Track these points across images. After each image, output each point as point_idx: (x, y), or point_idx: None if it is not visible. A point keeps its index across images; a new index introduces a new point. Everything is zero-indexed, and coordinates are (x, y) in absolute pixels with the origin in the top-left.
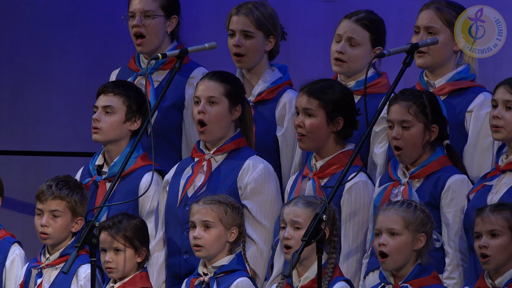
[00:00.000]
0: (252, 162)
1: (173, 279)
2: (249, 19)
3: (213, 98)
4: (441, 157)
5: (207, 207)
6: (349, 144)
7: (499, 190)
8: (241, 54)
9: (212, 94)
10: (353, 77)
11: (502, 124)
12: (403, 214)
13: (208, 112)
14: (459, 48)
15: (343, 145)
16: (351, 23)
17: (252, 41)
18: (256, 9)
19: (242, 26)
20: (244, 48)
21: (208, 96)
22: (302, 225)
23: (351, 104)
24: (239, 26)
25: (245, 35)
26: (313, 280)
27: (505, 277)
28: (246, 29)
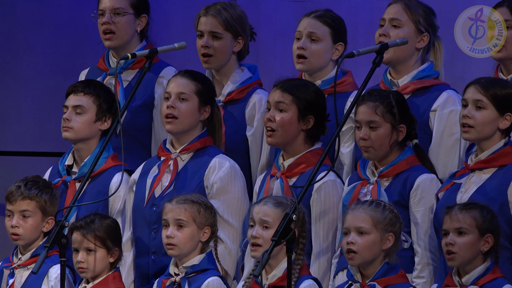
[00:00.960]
0: (218, 161)
1: (142, 279)
2: (217, 20)
3: (184, 94)
4: (410, 157)
5: (180, 206)
6: (317, 143)
7: (469, 189)
8: (209, 55)
9: (183, 91)
10: (317, 77)
11: (472, 124)
12: (372, 213)
13: (178, 108)
14: (422, 45)
15: (311, 145)
16: (311, 19)
17: (220, 42)
18: (224, 10)
19: (210, 27)
20: (212, 49)
21: (179, 92)
22: (271, 224)
23: (323, 106)
24: (207, 27)
25: (213, 36)
26: (280, 278)
27: (472, 275)
28: (214, 30)
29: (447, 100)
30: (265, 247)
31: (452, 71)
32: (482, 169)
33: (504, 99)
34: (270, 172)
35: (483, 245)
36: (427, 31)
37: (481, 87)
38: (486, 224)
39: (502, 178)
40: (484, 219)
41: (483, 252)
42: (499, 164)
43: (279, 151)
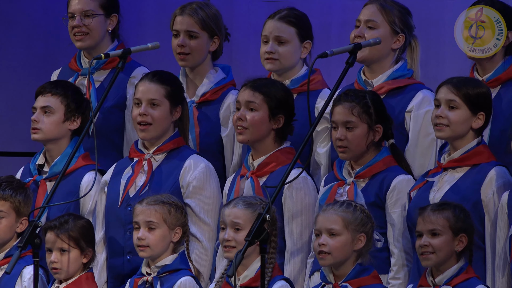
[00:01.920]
0: (193, 161)
1: (116, 280)
2: (193, 20)
3: (155, 100)
4: (387, 157)
5: (151, 207)
6: (285, 142)
7: (441, 187)
8: (186, 54)
9: (153, 97)
10: (286, 76)
11: (446, 123)
12: (343, 214)
13: (150, 114)
14: (397, 46)
15: (280, 144)
16: (275, 22)
17: (197, 41)
18: (200, 9)
19: (186, 26)
20: (189, 48)
21: (150, 98)
22: (242, 226)
23: (292, 105)
24: (183, 26)
25: (190, 35)
26: (253, 279)
27: (446, 275)
28: (190, 29)
29: (423, 100)
30: (238, 248)
31: (425, 71)
32: (455, 168)
33: (477, 99)
34: (240, 173)
35: (457, 245)
36: (403, 31)
37: (454, 87)
38: (459, 224)
39: (475, 177)
40: (457, 219)
41: (457, 252)
42: (472, 163)
43: (248, 151)
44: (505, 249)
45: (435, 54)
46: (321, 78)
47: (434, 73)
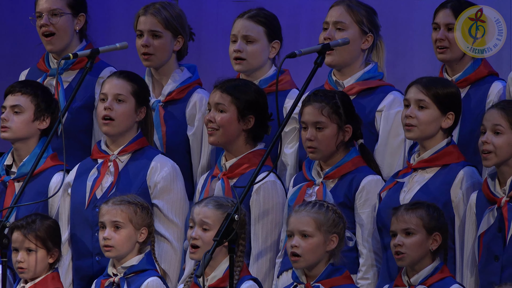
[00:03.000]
0: (159, 161)
1: (82, 281)
2: (157, 19)
3: (121, 96)
4: (356, 158)
5: (116, 207)
6: (259, 144)
7: (412, 188)
8: (150, 54)
9: (119, 92)
10: (255, 76)
11: (415, 123)
12: (315, 215)
13: (115, 109)
14: (367, 46)
15: (253, 145)
16: (244, 21)
17: (161, 40)
18: (163, 9)
19: (150, 26)
20: (153, 48)
21: (116, 93)
22: (211, 226)
23: (264, 105)
24: (147, 26)
25: (153, 35)
26: (221, 279)
27: (421, 274)
28: (154, 29)
29: (393, 101)
30: (203, 249)
31: (393, 71)
32: (425, 169)
33: (446, 98)
34: (212, 173)
35: (432, 243)
36: (371, 31)
37: (423, 87)
38: (433, 222)
39: (445, 177)
40: (431, 217)
41: (432, 250)
42: (442, 163)
43: (221, 152)
44: (473, 249)
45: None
46: (290, 78)
47: (402, 74)
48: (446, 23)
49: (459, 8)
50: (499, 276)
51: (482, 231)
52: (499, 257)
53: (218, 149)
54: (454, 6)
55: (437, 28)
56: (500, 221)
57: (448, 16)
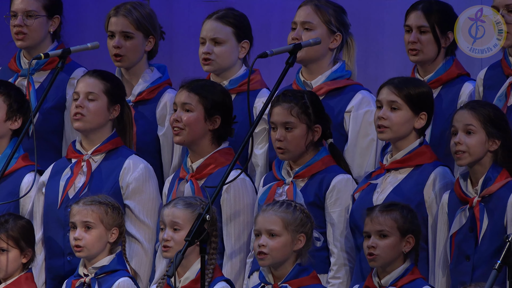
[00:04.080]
0: (132, 162)
1: (54, 281)
2: (128, 20)
3: (92, 94)
4: (325, 157)
5: (87, 208)
6: (224, 143)
7: (385, 189)
8: (121, 55)
9: (91, 90)
10: (225, 76)
11: (388, 124)
12: (282, 215)
13: (86, 107)
14: (335, 45)
15: (218, 145)
16: (213, 22)
17: (132, 41)
18: (134, 9)
19: (121, 27)
20: (124, 49)
21: (87, 91)
22: (182, 226)
23: (230, 106)
24: (118, 27)
25: (125, 36)
26: (193, 281)
27: (392, 275)
28: (125, 30)
29: (362, 101)
30: (176, 249)
31: (365, 71)
32: (397, 169)
33: (418, 99)
34: (179, 175)
35: (405, 246)
36: (339, 30)
37: (395, 88)
38: (407, 224)
39: (417, 178)
40: (405, 219)
41: (405, 252)
42: (415, 164)
43: (186, 154)
44: (445, 249)
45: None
46: (260, 78)
47: (374, 74)
48: (418, 26)
49: (430, 10)
50: (470, 276)
51: (454, 231)
52: (471, 257)
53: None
54: (425, 7)
55: (409, 31)
56: (471, 221)
57: (419, 18)
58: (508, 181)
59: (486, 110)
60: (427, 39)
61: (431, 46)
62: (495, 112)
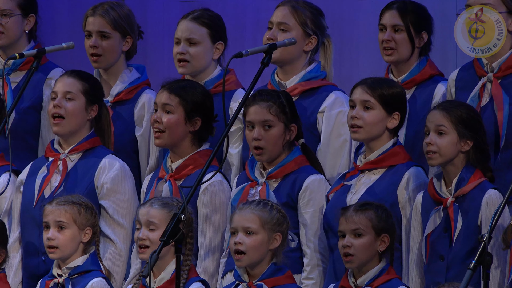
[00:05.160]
0: (108, 161)
1: (31, 280)
2: (105, 20)
3: (70, 93)
4: (298, 157)
5: (60, 208)
6: (204, 144)
7: (358, 189)
8: (98, 55)
9: (69, 90)
10: (200, 78)
11: (361, 124)
12: (259, 213)
13: (64, 107)
14: (310, 48)
15: (198, 146)
16: (188, 23)
17: (109, 41)
18: (112, 9)
19: (98, 27)
20: (101, 49)
21: (65, 91)
22: (158, 226)
23: (210, 107)
24: (95, 27)
25: (102, 36)
26: (169, 281)
27: (368, 276)
28: (102, 30)
29: (335, 101)
30: (152, 249)
31: (340, 72)
32: (371, 170)
33: (391, 99)
34: (158, 175)
35: (380, 245)
36: (315, 33)
37: (368, 88)
38: (381, 224)
39: (391, 178)
40: (380, 219)
41: (380, 252)
42: (388, 164)
43: (166, 153)
44: (420, 250)
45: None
46: (236, 78)
47: (348, 74)
48: (393, 24)
49: (405, 9)
50: (444, 276)
51: (429, 232)
52: (445, 257)
53: (166, 150)
54: (400, 7)
55: (383, 29)
56: (446, 221)
57: (394, 17)
58: (481, 182)
59: (459, 110)
60: (402, 38)
61: (405, 45)
62: (468, 113)
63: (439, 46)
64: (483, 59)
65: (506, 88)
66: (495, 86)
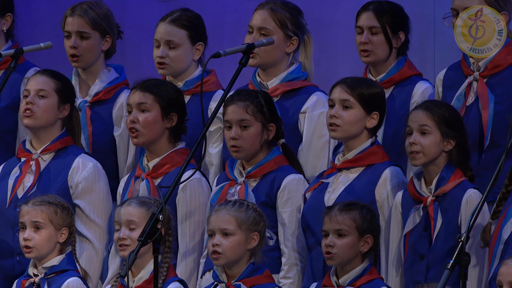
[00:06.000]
0: (81, 161)
1: (6, 281)
2: (84, 20)
3: (43, 91)
4: (278, 157)
5: (37, 208)
6: (180, 143)
7: (336, 188)
8: (78, 55)
9: (42, 88)
10: (180, 78)
11: (340, 123)
12: (236, 213)
13: (36, 104)
14: (291, 50)
15: (174, 144)
16: (167, 25)
17: (89, 41)
18: (91, 9)
19: (77, 27)
20: (81, 49)
21: (38, 89)
22: (137, 224)
23: (183, 103)
24: (74, 27)
25: (81, 36)
26: (147, 281)
27: (350, 275)
28: (81, 30)
29: (317, 102)
30: (133, 247)
31: (318, 71)
32: (349, 169)
33: (371, 98)
34: (135, 174)
35: (363, 245)
36: (296, 34)
37: (347, 87)
38: (365, 224)
39: (369, 177)
40: (364, 219)
41: (363, 252)
42: (366, 163)
43: (143, 153)
44: (399, 249)
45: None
46: (216, 79)
47: (327, 73)
48: (369, 26)
49: (381, 10)
50: (424, 275)
51: (408, 230)
52: (425, 256)
53: (143, 149)
54: (376, 8)
55: (360, 32)
56: (426, 220)
57: (370, 19)
58: (461, 181)
59: (441, 110)
60: (379, 40)
61: (382, 46)
62: (450, 112)
63: (418, 46)
64: (470, 58)
65: (492, 87)
66: (481, 85)
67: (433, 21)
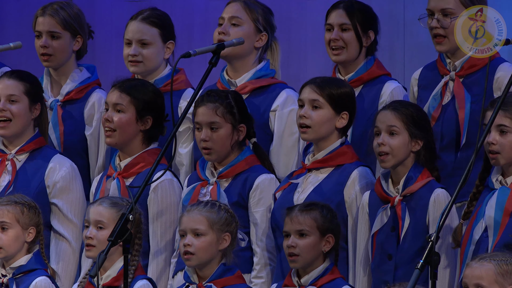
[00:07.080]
0: (58, 161)
1: None
2: (55, 20)
3: (14, 96)
4: (249, 157)
5: (3, 208)
6: (153, 143)
7: (305, 188)
8: (49, 55)
9: (12, 92)
10: (150, 77)
11: (309, 124)
12: (207, 214)
13: (9, 109)
14: (260, 44)
15: (148, 145)
16: (139, 24)
17: (59, 41)
18: (61, 9)
19: (48, 27)
20: (52, 49)
21: (9, 94)
22: (106, 225)
23: (161, 106)
24: (45, 27)
25: (52, 36)
26: (115, 278)
27: (311, 275)
28: (52, 30)
29: (287, 99)
30: (99, 248)
31: (287, 71)
32: (319, 169)
33: (340, 98)
34: (107, 173)
35: (324, 245)
36: (266, 30)
37: (317, 87)
38: (326, 224)
39: (338, 178)
40: (325, 219)
41: (324, 252)
42: (336, 163)
43: (115, 152)
44: (367, 249)
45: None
46: (185, 78)
47: (296, 73)
48: (340, 23)
49: (352, 9)
50: (393, 275)
51: (376, 230)
52: (393, 256)
53: (114, 149)
54: (347, 6)
55: (330, 29)
56: (393, 220)
57: (341, 17)
58: (429, 181)
59: (409, 110)
60: (350, 37)
61: (353, 44)
62: (417, 113)
63: (387, 46)
64: (446, 58)
65: (468, 86)
66: (457, 85)
67: (402, 21)
